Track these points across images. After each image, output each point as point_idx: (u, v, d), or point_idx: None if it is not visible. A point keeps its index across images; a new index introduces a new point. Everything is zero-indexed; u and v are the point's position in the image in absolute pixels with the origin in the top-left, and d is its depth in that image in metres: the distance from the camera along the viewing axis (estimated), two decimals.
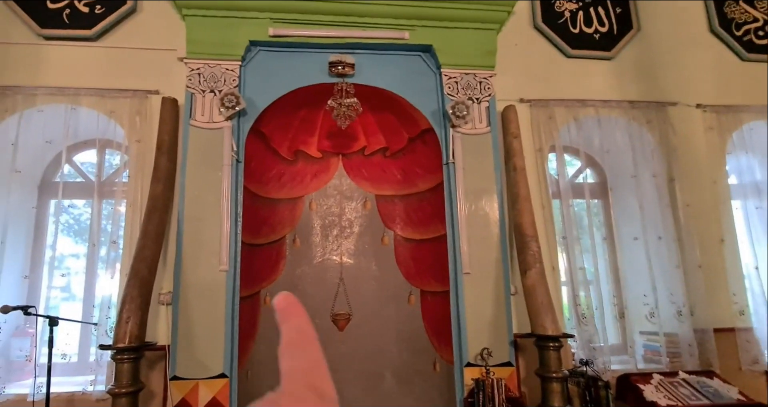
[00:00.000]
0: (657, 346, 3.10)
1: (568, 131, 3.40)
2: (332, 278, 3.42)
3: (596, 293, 3.13)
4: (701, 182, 3.42)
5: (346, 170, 3.57)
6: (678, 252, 3.21)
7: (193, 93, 2.97)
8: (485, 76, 3.26)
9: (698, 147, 3.49)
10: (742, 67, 3.71)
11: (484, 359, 2.81)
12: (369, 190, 3.56)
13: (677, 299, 3.13)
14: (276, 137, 3.37)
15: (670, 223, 3.26)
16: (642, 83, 3.56)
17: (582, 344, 3.00)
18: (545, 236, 3.15)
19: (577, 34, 3.56)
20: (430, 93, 3.26)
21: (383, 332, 3.33)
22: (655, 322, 3.13)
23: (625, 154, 3.40)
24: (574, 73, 3.51)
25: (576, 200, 3.37)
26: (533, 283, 2.86)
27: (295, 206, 3.49)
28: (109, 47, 3.14)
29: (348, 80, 3.16)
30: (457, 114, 3.10)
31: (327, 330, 3.30)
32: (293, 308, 0.42)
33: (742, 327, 3.19)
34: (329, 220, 3.53)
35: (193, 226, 2.80)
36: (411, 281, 3.40)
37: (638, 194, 3.32)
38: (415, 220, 3.46)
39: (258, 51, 3.15)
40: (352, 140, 3.53)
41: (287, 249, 3.43)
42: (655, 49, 3.64)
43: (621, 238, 3.39)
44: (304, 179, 3.53)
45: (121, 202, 2.93)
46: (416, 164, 3.46)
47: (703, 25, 3.77)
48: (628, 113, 3.44)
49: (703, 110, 3.54)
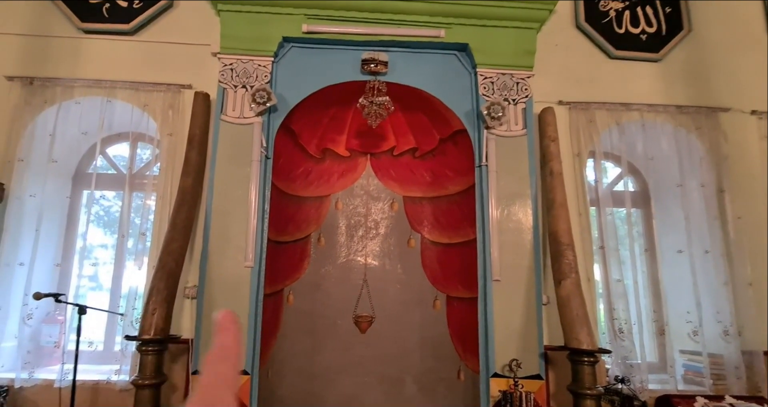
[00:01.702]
0: (699, 367, 2.98)
1: (609, 135, 3.32)
2: (356, 279, 3.44)
3: (635, 307, 3.03)
4: (754, 193, 3.28)
5: (374, 170, 3.59)
6: (726, 268, 3.07)
7: (225, 88, 3.05)
8: (523, 76, 3.23)
9: (752, 156, 3.35)
10: None
11: (512, 370, 2.76)
12: (396, 191, 3.56)
13: (724, 318, 3.00)
14: (305, 134, 3.42)
15: (718, 236, 3.13)
16: (692, 87, 3.45)
17: (617, 360, 2.91)
18: (581, 245, 3.08)
19: (622, 34, 3.48)
20: (464, 93, 3.25)
21: (406, 336, 3.33)
22: (698, 341, 3.00)
23: (671, 161, 3.29)
24: (618, 76, 3.43)
25: (614, 209, 3.28)
26: (568, 294, 2.80)
27: (322, 204, 3.53)
28: (145, 41, 3.26)
29: (381, 78, 3.18)
30: (492, 115, 3.07)
31: (349, 331, 3.32)
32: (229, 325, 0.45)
33: None
34: (355, 220, 3.56)
35: (221, 221, 2.87)
36: (437, 286, 3.39)
37: (684, 204, 3.20)
38: (443, 223, 3.45)
39: (291, 47, 3.21)
40: (381, 139, 3.55)
41: (312, 248, 3.47)
42: (707, 51, 3.53)
43: (663, 250, 3.28)
44: (331, 177, 3.56)
45: (151, 195, 3.03)
46: (446, 166, 3.45)
47: (760, 27, 3.62)
48: (676, 119, 3.34)
49: (759, 117, 3.40)
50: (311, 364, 3.21)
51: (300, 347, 3.25)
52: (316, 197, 3.51)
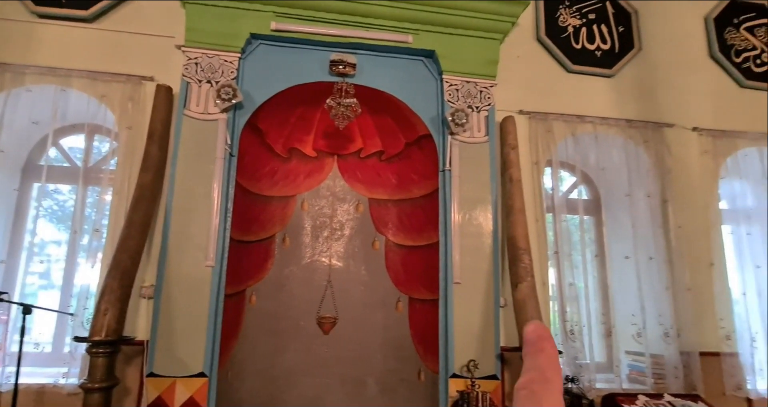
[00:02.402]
0: (642, 367, 3.12)
1: (566, 145, 3.43)
2: (320, 280, 3.40)
3: (585, 310, 3.15)
4: (693, 204, 3.47)
5: (341, 172, 3.55)
6: (668, 274, 3.24)
7: (189, 82, 2.94)
8: (486, 85, 3.28)
9: (692, 170, 3.55)
10: (739, 93, 3.79)
11: (470, 371, 2.79)
12: (362, 193, 3.54)
13: (665, 321, 3.16)
14: (272, 132, 3.35)
15: (661, 244, 3.30)
16: (640, 103, 3.61)
17: (568, 360, 3.01)
18: (537, 250, 3.16)
19: (579, 49, 3.60)
20: (430, 99, 3.27)
21: (369, 338, 3.31)
22: (641, 342, 3.15)
23: (621, 172, 3.43)
24: (574, 89, 3.55)
25: (568, 216, 3.39)
26: (524, 297, 2.86)
27: (287, 204, 3.46)
28: (104, 30, 3.09)
29: (348, 80, 3.16)
30: (456, 121, 3.11)
31: (312, 333, 3.26)
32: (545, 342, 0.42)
33: (727, 352, 3.22)
34: (320, 221, 3.51)
35: (181, 219, 2.76)
36: (400, 288, 3.39)
37: (631, 213, 3.35)
38: (407, 226, 3.46)
39: (258, 44, 3.13)
40: (349, 141, 3.52)
41: (276, 248, 3.39)
42: (655, 69, 3.71)
43: (612, 256, 3.42)
44: (298, 177, 3.50)
45: (107, 190, 2.87)
46: (412, 170, 3.46)
47: (703, 50, 3.85)
48: (626, 132, 3.49)
49: (699, 134, 3.60)
50: (273, 366, 3.14)
51: (262, 348, 3.17)
52: (281, 197, 3.44)
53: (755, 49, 3.87)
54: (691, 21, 3.88)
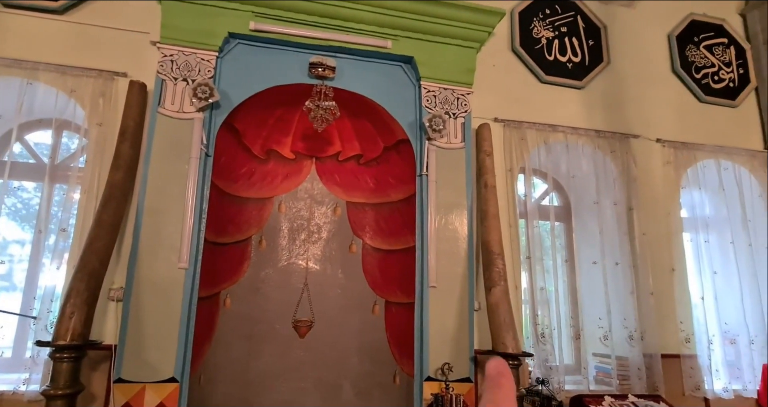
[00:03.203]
0: (608, 368, 3.17)
1: (538, 153, 3.46)
2: (296, 283, 3.31)
3: (555, 313, 3.17)
4: (656, 213, 3.56)
5: (319, 174, 3.49)
6: (633, 279, 3.31)
7: (164, 80, 2.81)
8: (463, 92, 3.28)
9: (656, 179, 3.64)
10: (699, 107, 3.92)
11: (444, 374, 2.77)
12: (340, 196, 3.49)
13: (630, 324, 3.22)
14: (249, 133, 3.25)
15: (627, 250, 3.36)
16: (608, 114, 3.69)
17: (539, 362, 3.02)
18: (510, 255, 3.17)
19: (551, 61, 3.65)
20: (408, 104, 3.24)
21: (345, 341, 3.25)
22: (608, 345, 3.20)
23: (589, 180, 3.49)
24: (547, 99, 3.60)
25: (540, 222, 3.42)
26: (497, 300, 2.86)
27: (264, 206, 3.37)
28: (75, 23, 2.93)
29: (328, 83, 3.10)
30: (433, 127, 3.09)
31: (287, 336, 3.18)
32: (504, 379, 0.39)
33: (687, 354, 3.31)
34: (298, 223, 3.43)
35: (153, 219, 2.63)
36: (376, 291, 3.34)
37: (599, 219, 3.41)
38: (384, 230, 3.42)
39: (237, 44, 3.03)
40: (327, 144, 3.46)
41: (252, 251, 3.30)
42: (622, 82, 3.80)
43: (581, 261, 3.47)
44: (275, 179, 3.42)
45: (75, 188, 2.70)
46: (390, 174, 3.42)
47: (666, 65, 3.97)
48: (594, 142, 3.55)
49: (662, 145, 3.71)
50: (247, 370, 3.03)
51: (236, 352, 3.06)
52: (258, 199, 3.35)
53: (713, 66, 4.01)
54: (655, 38, 4.00)
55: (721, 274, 3.54)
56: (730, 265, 3.56)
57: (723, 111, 3.97)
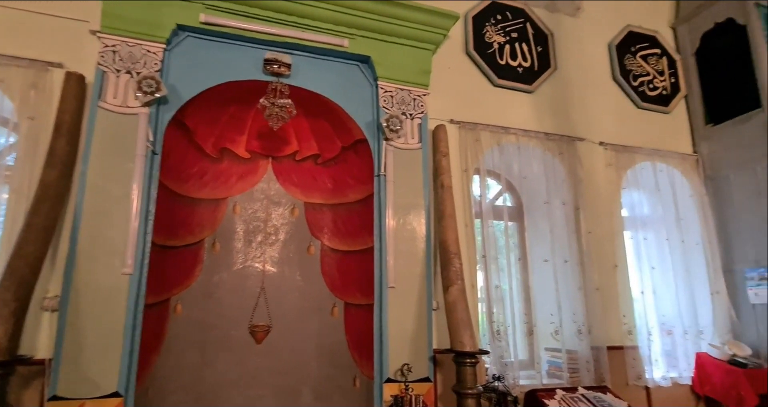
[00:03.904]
0: (560, 362, 3.22)
1: (492, 155, 3.47)
2: (253, 286, 3.14)
3: (509, 310, 3.18)
4: (600, 212, 3.68)
5: (275, 174, 3.33)
6: (580, 275, 3.39)
7: (106, 72, 2.57)
8: (419, 93, 3.23)
9: (599, 181, 3.76)
10: (637, 113, 4.10)
11: (404, 375, 2.69)
12: (298, 197, 3.34)
13: (578, 319, 3.29)
14: (201, 131, 3.05)
15: (575, 248, 3.44)
16: (556, 118, 3.77)
17: (495, 359, 3.02)
18: (466, 254, 3.15)
19: (503, 65, 3.69)
20: (365, 104, 3.16)
21: (304, 345, 3.11)
22: (559, 339, 3.25)
23: (540, 181, 3.55)
24: (500, 102, 3.63)
25: (495, 222, 3.43)
26: (454, 299, 2.83)
27: (217, 207, 3.17)
28: (4, 7, 2.63)
29: (283, 81, 2.95)
30: (391, 127, 3.02)
31: (243, 342, 3.00)
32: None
33: (629, 346, 3.43)
34: (254, 225, 3.26)
35: (94, 222, 2.38)
36: (335, 293, 3.23)
37: (549, 219, 3.47)
38: (343, 231, 3.31)
39: (186, 37, 2.83)
40: (284, 143, 3.31)
41: (205, 254, 3.10)
42: (568, 88, 3.90)
43: (533, 259, 3.52)
44: (229, 179, 3.23)
45: (3, 188, 2.41)
46: (348, 174, 3.32)
47: (607, 73, 4.12)
48: (544, 144, 3.61)
49: (605, 148, 3.83)
50: (200, 379, 2.83)
51: (188, 361, 2.85)
52: (211, 200, 3.15)
53: (649, 75, 4.21)
54: (597, 46, 4.14)
55: (658, 269, 3.70)
56: (666, 261, 3.73)
57: (657, 117, 4.17)
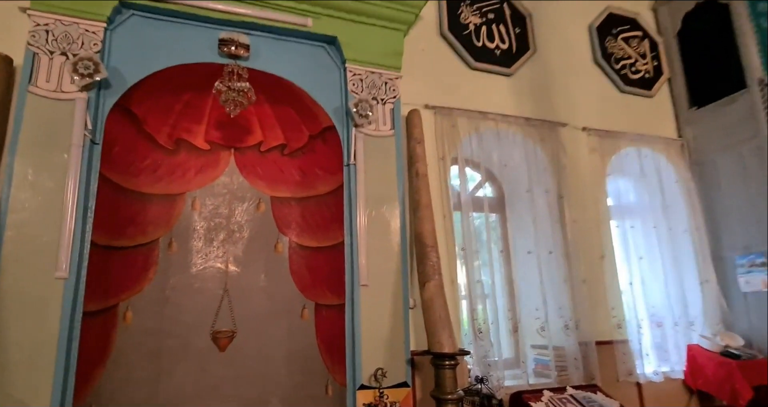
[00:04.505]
0: (547, 360, 2.98)
1: (470, 142, 3.23)
2: (215, 289, 2.84)
3: (492, 307, 2.94)
4: (585, 200, 3.46)
5: (239, 167, 3.03)
6: (566, 267, 3.16)
7: (37, 53, 2.26)
8: (391, 77, 2.97)
9: (583, 167, 3.54)
10: (620, 97, 3.89)
11: (377, 380, 2.44)
12: (263, 190, 3.05)
13: (565, 313, 3.06)
14: (152, 120, 2.74)
15: (559, 238, 3.21)
16: (537, 102, 3.54)
17: (478, 359, 2.77)
18: (445, 248, 2.91)
19: (480, 47, 3.44)
20: (333, 88, 2.89)
21: (272, 351, 2.82)
22: (545, 336, 3.02)
23: (521, 169, 3.31)
24: (477, 85, 3.39)
25: (475, 214, 3.18)
26: (431, 296, 2.58)
27: (174, 204, 2.86)
28: None
29: (241, 63, 2.67)
30: (360, 113, 2.76)
31: (205, 350, 2.70)
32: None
33: (619, 340, 3.21)
34: (215, 222, 2.95)
35: (21, 219, 2.08)
36: (305, 294, 2.95)
37: (532, 208, 3.23)
38: (312, 226, 3.03)
39: (131, 15, 2.52)
40: (247, 133, 3.02)
41: (160, 254, 2.78)
42: (548, 71, 3.67)
43: (516, 251, 3.28)
44: (187, 173, 2.92)
45: None
46: (316, 165, 3.04)
47: (588, 55, 3.90)
48: (525, 130, 3.38)
49: (588, 133, 3.62)
50: (155, 393, 2.53)
51: (140, 373, 2.55)
52: (167, 195, 2.83)
53: (630, 58, 4.00)
54: (577, 28, 3.93)
55: (646, 259, 3.49)
56: (653, 250, 3.53)
57: (641, 101, 3.97)
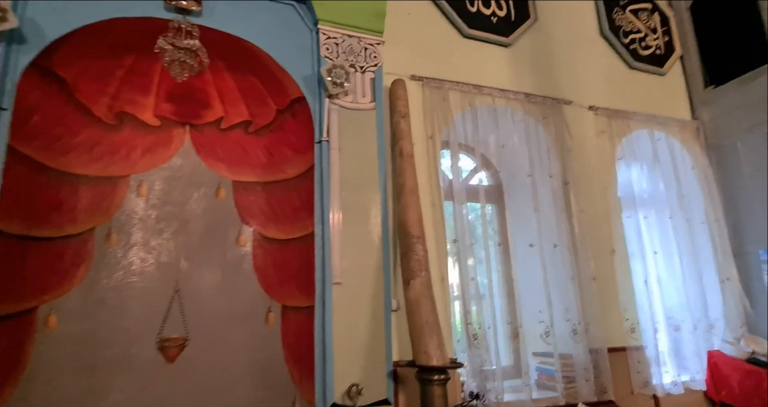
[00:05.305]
0: (552, 370, 2.53)
1: (463, 120, 2.78)
2: (164, 289, 2.37)
3: (489, 308, 2.50)
4: (593, 187, 3.02)
5: (195, 147, 2.56)
6: (573, 262, 2.72)
7: None
8: (372, 42, 2.53)
9: (590, 150, 3.10)
10: (629, 74, 3.47)
11: (351, 398, 1.99)
12: (224, 174, 2.58)
13: (572, 316, 2.61)
14: (85, 87, 2.27)
15: (565, 229, 2.77)
16: (538, 76, 3.10)
17: (473, 370, 2.32)
18: (434, 239, 2.46)
19: (474, 13, 3.00)
20: (303, 53, 2.45)
21: (230, 362, 2.35)
22: (550, 342, 2.57)
23: (521, 151, 2.87)
24: (471, 56, 2.94)
25: (470, 204, 2.73)
26: (417, 296, 2.14)
27: (115, 188, 2.39)
28: None
29: (193, 20, 2.23)
30: (334, 80, 2.32)
31: (149, 362, 2.23)
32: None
33: (633, 346, 2.76)
34: (166, 211, 2.48)
35: None
36: (271, 294, 2.49)
37: (534, 195, 2.79)
38: (280, 214, 2.58)
39: None
40: (205, 107, 2.55)
41: (95, 248, 2.31)
42: (551, 42, 3.23)
43: (516, 245, 2.84)
44: (132, 153, 2.45)
45: None
46: (285, 144, 2.59)
47: (594, 28, 3.47)
48: (525, 106, 2.94)
49: (595, 113, 3.18)
50: None
51: (68, 390, 2.08)
52: (106, 178, 2.37)
53: (640, 32, 3.58)
54: None
55: (661, 254, 3.06)
56: (669, 244, 3.09)
57: (652, 79, 3.54)
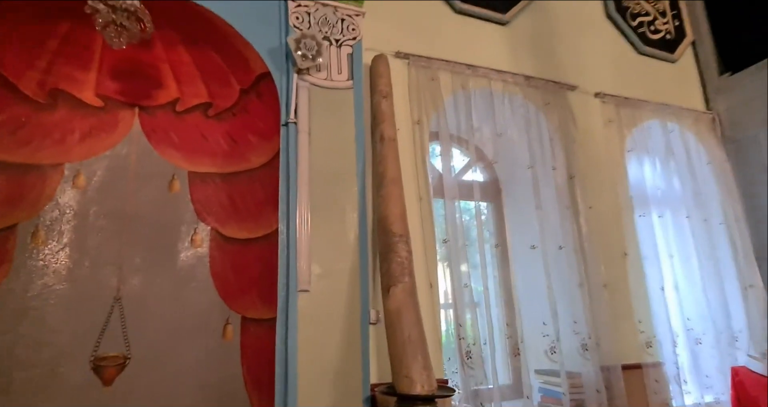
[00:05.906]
0: (558, 392, 2.16)
1: (455, 105, 2.42)
2: (102, 297, 1.98)
3: (485, 320, 2.12)
4: (602, 182, 2.67)
5: (145, 132, 2.18)
6: (581, 267, 2.35)
7: None
8: (350, 13, 2.19)
9: (598, 141, 2.76)
10: (638, 59, 3.13)
11: None
12: (179, 164, 2.20)
13: (581, 329, 2.24)
14: (9, 59, 1.92)
15: (570, 229, 2.41)
16: (539, 58, 2.76)
17: (466, 395, 1.94)
18: (421, 239, 2.10)
19: None
20: (270, 23, 2.10)
21: (179, 385, 1.95)
22: (556, 360, 2.19)
23: (520, 140, 2.52)
24: (463, 33, 2.60)
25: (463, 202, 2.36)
26: (399, 306, 1.75)
27: (44, 178, 2.01)
28: None
29: None
30: (303, 53, 1.96)
31: (82, 384, 1.83)
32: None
33: (650, 363, 2.38)
34: (108, 205, 2.09)
35: None
36: (229, 304, 2.10)
37: (535, 191, 2.43)
38: (242, 210, 2.21)
39: None
40: (157, 86, 2.19)
41: (17, 248, 1.93)
42: (552, 21, 2.90)
43: (515, 246, 2.48)
44: (68, 137, 2.07)
45: None
46: (249, 129, 2.23)
47: (599, 6, 3.14)
48: (524, 91, 2.59)
49: (603, 100, 2.84)
50: None
51: None
52: (33, 166, 1.99)
53: (649, 14, 3.25)
54: None
55: (678, 258, 2.70)
56: (687, 247, 2.74)
57: (662, 66, 3.21)
